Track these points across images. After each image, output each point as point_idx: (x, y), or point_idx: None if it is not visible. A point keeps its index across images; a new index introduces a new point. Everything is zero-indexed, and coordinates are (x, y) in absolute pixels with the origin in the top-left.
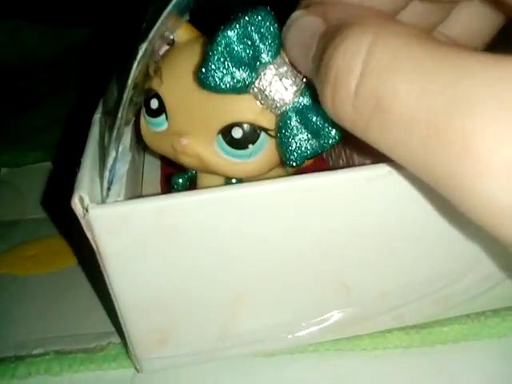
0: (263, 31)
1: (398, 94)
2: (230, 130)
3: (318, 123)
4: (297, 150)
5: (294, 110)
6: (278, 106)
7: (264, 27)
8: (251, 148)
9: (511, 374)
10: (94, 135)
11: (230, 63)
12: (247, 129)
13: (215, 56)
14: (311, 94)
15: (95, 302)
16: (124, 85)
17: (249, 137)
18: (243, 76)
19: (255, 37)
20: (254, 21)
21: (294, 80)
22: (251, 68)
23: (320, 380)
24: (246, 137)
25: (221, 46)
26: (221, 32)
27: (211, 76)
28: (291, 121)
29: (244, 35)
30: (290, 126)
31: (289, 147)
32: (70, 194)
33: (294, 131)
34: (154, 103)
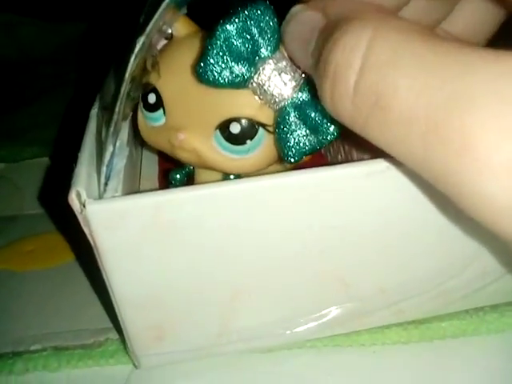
0: (262, 25)
1: (397, 91)
2: (228, 125)
3: (316, 119)
4: (295, 146)
5: (293, 105)
6: (276, 101)
7: (263, 21)
8: (249, 144)
9: (510, 370)
10: (91, 130)
11: (228, 58)
12: (245, 124)
13: (214, 50)
14: (310, 90)
15: (93, 297)
16: (121, 79)
17: (247, 132)
18: (242, 71)
19: (254, 31)
20: (253, 15)
21: (292, 75)
22: (250, 63)
23: (318, 375)
24: (244, 132)
25: (220, 40)
26: (220, 26)
27: (210, 70)
28: (290, 116)
29: (243, 29)
30: (288, 122)
31: (287, 143)
32: (68, 189)
33: (293, 127)
34: (152, 98)
